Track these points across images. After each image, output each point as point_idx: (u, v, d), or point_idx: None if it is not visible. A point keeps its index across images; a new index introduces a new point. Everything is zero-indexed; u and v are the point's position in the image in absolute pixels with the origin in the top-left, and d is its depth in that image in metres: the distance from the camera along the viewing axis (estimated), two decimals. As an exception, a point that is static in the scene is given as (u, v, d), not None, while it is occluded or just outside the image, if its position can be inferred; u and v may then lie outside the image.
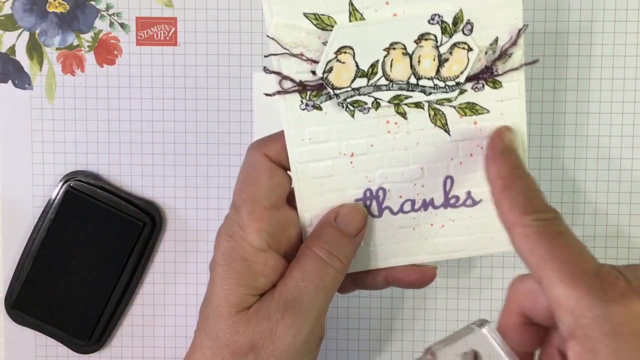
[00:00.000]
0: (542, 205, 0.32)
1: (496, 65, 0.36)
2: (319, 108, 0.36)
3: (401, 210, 0.38)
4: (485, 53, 0.35)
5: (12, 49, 0.49)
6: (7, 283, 0.50)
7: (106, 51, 0.49)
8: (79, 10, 0.49)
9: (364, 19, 0.34)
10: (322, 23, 0.34)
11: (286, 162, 0.37)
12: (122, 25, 0.49)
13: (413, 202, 0.38)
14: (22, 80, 0.50)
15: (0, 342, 0.51)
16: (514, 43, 0.35)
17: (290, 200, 0.38)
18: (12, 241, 0.50)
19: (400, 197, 0.38)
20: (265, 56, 0.35)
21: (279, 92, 0.35)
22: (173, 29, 0.49)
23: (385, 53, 0.35)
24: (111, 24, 0.49)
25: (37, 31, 0.49)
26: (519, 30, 0.35)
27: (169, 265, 0.51)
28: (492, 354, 0.32)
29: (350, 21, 0.34)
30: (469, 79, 0.36)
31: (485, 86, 0.36)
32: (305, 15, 0.34)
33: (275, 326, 0.36)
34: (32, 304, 0.49)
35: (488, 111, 0.36)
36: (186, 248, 0.51)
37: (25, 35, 0.49)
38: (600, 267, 0.29)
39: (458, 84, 0.36)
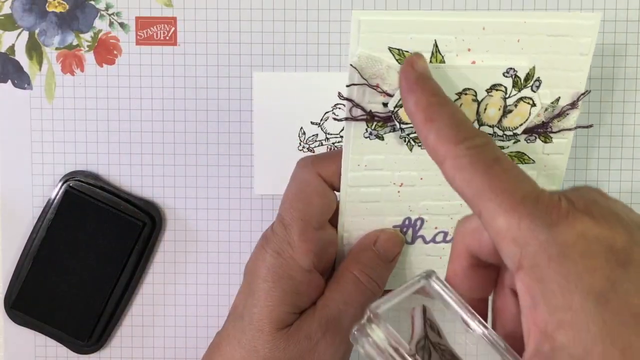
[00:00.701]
0: (472, 131, 0.29)
1: (552, 122, 0.37)
2: (381, 138, 0.37)
3: (433, 240, 0.40)
4: (546, 110, 0.36)
5: (12, 48, 0.49)
6: (6, 283, 0.50)
7: (106, 51, 0.49)
8: (78, 10, 0.49)
9: (444, 62, 0.34)
10: (404, 59, 0.34)
11: (337, 183, 0.38)
12: (121, 25, 0.49)
13: (446, 234, 0.40)
14: (21, 80, 0.49)
15: (0, 342, 0.51)
16: (574, 106, 0.36)
17: (331, 219, 0.39)
18: (12, 241, 0.50)
19: (436, 228, 0.40)
20: (347, 86, 0.35)
21: (347, 119, 0.36)
22: (173, 28, 0.49)
23: (456, 97, 0.35)
24: (111, 24, 0.49)
25: (37, 31, 0.49)
26: (581, 94, 0.36)
27: (169, 265, 0.51)
28: (441, 305, 0.29)
29: (430, 62, 0.34)
30: (525, 131, 0.37)
31: (537, 139, 0.37)
32: (390, 49, 0.34)
33: (315, 345, 0.37)
34: (31, 304, 0.49)
35: (533, 161, 0.37)
36: (186, 248, 0.50)
37: (25, 35, 0.49)
38: (541, 191, 0.27)
39: (515, 134, 0.36)
